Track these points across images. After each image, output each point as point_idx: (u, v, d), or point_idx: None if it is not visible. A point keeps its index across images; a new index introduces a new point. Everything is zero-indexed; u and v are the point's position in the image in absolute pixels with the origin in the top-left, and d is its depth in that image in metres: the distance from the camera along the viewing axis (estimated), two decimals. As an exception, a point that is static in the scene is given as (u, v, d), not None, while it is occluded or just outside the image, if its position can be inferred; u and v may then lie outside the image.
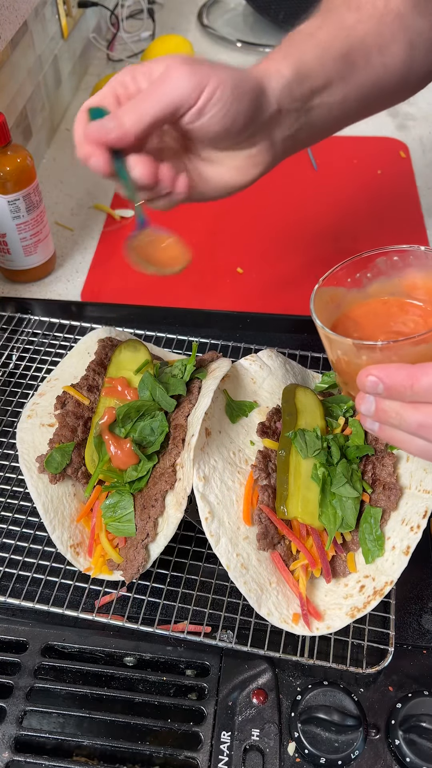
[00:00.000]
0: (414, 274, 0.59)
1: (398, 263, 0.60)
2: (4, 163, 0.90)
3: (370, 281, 0.61)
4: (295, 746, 0.58)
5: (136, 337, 0.87)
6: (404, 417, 0.48)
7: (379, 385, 0.48)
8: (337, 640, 0.64)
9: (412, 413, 0.48)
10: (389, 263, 0.60)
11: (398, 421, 0.49)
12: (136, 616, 0.66)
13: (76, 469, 0.70)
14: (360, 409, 0.51)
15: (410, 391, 0.47)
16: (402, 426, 0.49)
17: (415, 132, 1.33)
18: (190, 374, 0.74)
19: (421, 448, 0.50)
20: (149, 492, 0.66)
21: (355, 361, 0.53)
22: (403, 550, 0.62)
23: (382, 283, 0.61)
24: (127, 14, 1.63)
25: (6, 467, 0.78)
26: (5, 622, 0.66)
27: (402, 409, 0.48)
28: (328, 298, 0.59)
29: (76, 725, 0.61)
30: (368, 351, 0.51)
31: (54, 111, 1.33)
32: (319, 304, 0.57)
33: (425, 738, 0.57)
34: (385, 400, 0.49)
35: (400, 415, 0.49)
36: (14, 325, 0.93)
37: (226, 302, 1.00)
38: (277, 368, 0.78)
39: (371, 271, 0.60)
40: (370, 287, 0.61)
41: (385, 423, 0.51)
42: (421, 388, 0.47)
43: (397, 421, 0.49)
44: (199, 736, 0.59)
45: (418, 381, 0.47)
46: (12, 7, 1.06)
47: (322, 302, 0.58)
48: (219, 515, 0.63)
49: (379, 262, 0.60)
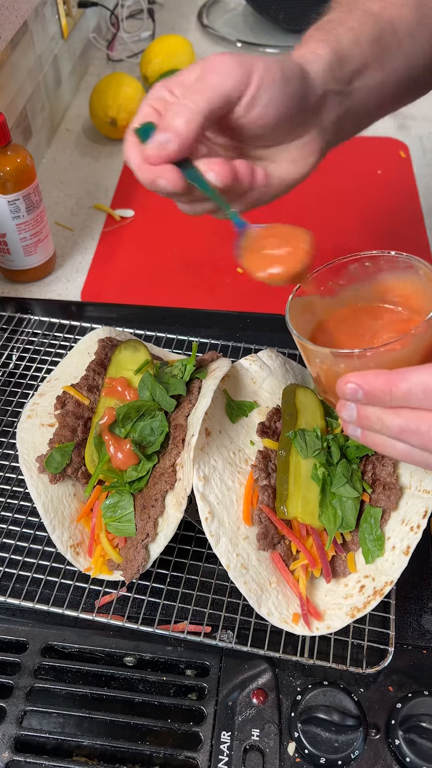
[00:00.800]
0: (387, 278, 0.60)
1: (370, 269, 0.60)
2: (4, 163, 0.90)
3: (343, 288, 0.61)
4: (295, 746, 0.58)
5: (136, 337, 0.87)
6: (386, 422, 0.49)
7: (359, 392, 0.49)
8: (337, 640, 0.64)
9: (393, 418, 0.48)
10: (361, 269, 0.60)
11: (380, 426, 0.49)
12: (136, 616, 0.66)
13: (76, 469, 0.70)
14: (342, 415, 0.52)
15: (389, 396, 0.48)
16: (384, 431, 0.50)
17: (415, 132, 1.33)
18: (190, 374, 0.74)
19: (403, 452, 0.50)
20: (149, 492, 0.66)
21: (333, 369, 0.53)
22: (403, 550, 0.62)
23: (356, 290, 0.61)
24: (127, 14, 1.63)
25: (6, 467, 0.78)
26: (5, 622, 0.66)
27: (383, 414, 0.49)
28: (301, 308, 0.59)
29: (76, 725, 0.61)
30: (346, 359, 0.52)
31: (54, 111, 1.33)
32: (294, 315, 0.57)
33: (425, 738, 0.57)
34: (367, 407, 0.50)
35: (382, 420, 0.49)
36: (14, 325, 0.93)
37: (226, 302, 1.00)
38: (277, 368, 0.78)
39: (344, 278, 0.61)
40: (344, 294, 0.61)
41: (368, 429, 0.51)
42: (399, 393, 0.47)
43: (379, 426, 0.49)
44: (199, 736, 0.59)
45: (396, 386, 0.47)
46: (12, 7, 1.06)
47: (297, 312, 0.58)
48: (219, 515, 0.63)
49: (352, 268, 0.61)
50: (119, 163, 1.27)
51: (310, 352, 0.55)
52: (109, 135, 1.31)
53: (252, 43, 1.56)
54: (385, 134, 1.32)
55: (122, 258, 1.08)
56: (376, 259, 0.60)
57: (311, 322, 0.60)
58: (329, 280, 0.61)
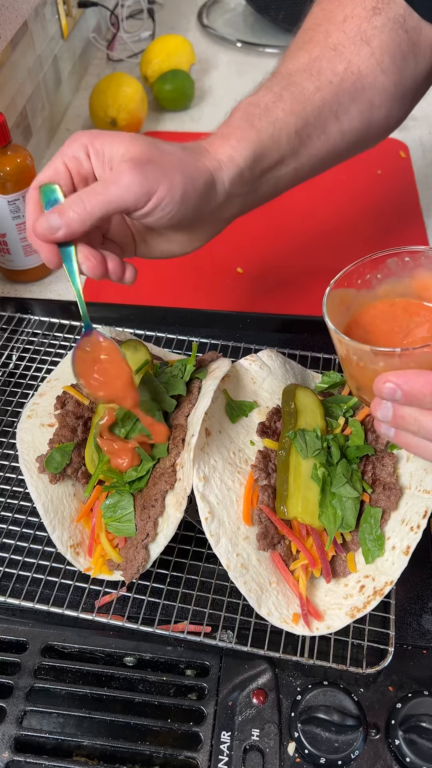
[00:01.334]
0: (425, 275, 0.59)
1: (409, 264, 0.59)
2: (4, 163, 0.90)
3: (380, 282, 0.60)
4: (295, 746, 0.58)
5: (136, 337, 0.87)
6: (423, 424, 0.49)
7: (398, 391, 0.48)
8: (337, 640, 0.64)
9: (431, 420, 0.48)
10: (400, 264, 0.60)
11: (416, 427, 0.49)
12: (136, 616, 0.66)
13: (76, 469, 0.70)
14: (377, 415, 0.51)
15: (429, 398, 0.47)
16: (420, 432, 0.49)
17: (415, 132, 1.33)
18: (190, 374, 0.74)
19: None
20: (149, 492, 0.66)
21: (371, 367, 0.52)
22: (403, 550, 0.62)
23: (393, 284, 0.60)
24: (127, 14, 1.63)
25: (6, 467, 0.78)
26: (5, 622, 0.66)
27: (421, 415, 0.49)
28: (339, 300, 0.58)
29: (76, 725, 0.61)
30: (386, 357, 0.51)
31: (54, 111, 1.33)
32: (331, 308, 0.56)
33: (425, 738, 0.57)
34: (403, 407, 0.49)
35: (419, 421, 0.49)
36: (14, 325, 0.93)
37: (226, 302, 1.00)
38: (277, 368, 0.78)
39: (381, 272, 0.60)
40: (380, 288, 0.60)
41: (403, 429, 0.51)
42: None
43: (416, 427, 0.49)
44: (199, 736, 0.59)
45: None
46: (12, 7, 1.06)
47: (334, 305, 0.57)
48: (219, 515, 0.63)
49: (390, 263, 0.60)
50: (119, 163, 1.27)
51: (347, 348, 0.54)
52: (109, 135, 1.30)
53: (252, 43, 1.56)
54: (385, 134, 1.32)
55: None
56: (415, 255, 0.59)
57: (346, 316, 0.60)
58: (367, 273, 0.60)
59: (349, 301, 0.60)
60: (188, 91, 1.37)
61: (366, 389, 0.54)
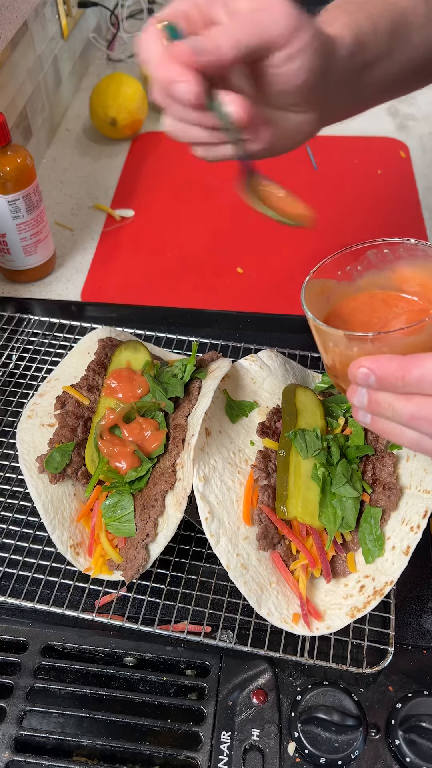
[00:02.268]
0: (404, 266, 0.59)
1: (389, 256, 0.59)
2: (4, 163, 0.90)
3: (360, 274, 0.60)
4: (295, 746, 0.58)
5: (136, 338, 0.87)
6: (396, 408, 0.48)
7: (371, 376, 0.48)
8: (337, 640, 0.64)
9: (405, 404, 0.48)
10: (380, 256, 0.60)
11: (391, 412, 0.49)
12: (136, 616, 0.66)
13: (76, 469, 0.70)
14: (352, 401, 0.51)
15: (402, 382, 0.47)
16: (395, 417, 0.49)
17: (415, 132, 1.33)
18: (190, 374, 0.74)
19: (413, 439, 0.49)
20: (149, 492, 0.66)
21: (346, 353, 0.53)
22: (403, 550, 0.62)
23: (373, 276, 0.60)
24: (127, 14, 1.63)
25: (6, 467, 0.78)
26: (5, 622, 0.66)
27: (395, 400, 0.48)
28: (318, 290, 0.58)
29: (76, 725, 0.61)
30: (359, 342, 0.51)
31: (54, 111, 1.33)
32: (309, 297, 0.56)
33: (425, 738, 0.57)
34: (378, 392, 0.49)
35: (393, 406, 0.48)
36: (14, 325, 0.93)
37: (226, 302, 1.00)
38: (277, 368, 0.78)
39: (361, 263, 0.60)
40: (361, 280, 0.60)
41: (378, 414, 0.50)
42: (412, 379, 0.46)
43: (390, 412, 0.49)
44: (199, 736, 0.59)
45: (409, 372, 0.46)
46: (12, 7, 1.06)
47: (313, 294, 0.57)
48: (219, 515, 0.63)
49: (370, 254, 0.60)
50: (119, 163, 1.27)
51: (323, 334, 0.54)
52: (109, 135, 1.31)
53: (252, 43, 1.56)
54: (385, 134, 1.32)
55: (122, 258, 1.08)
56: (394, 247, 0.59)
57: (326, 306, 0.60)
58: (347, 265, 0.60)
59: (329, 291, 0.60)
60: (188, 91, 1.37)
61: (342, 377, 0.54)
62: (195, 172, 1.24)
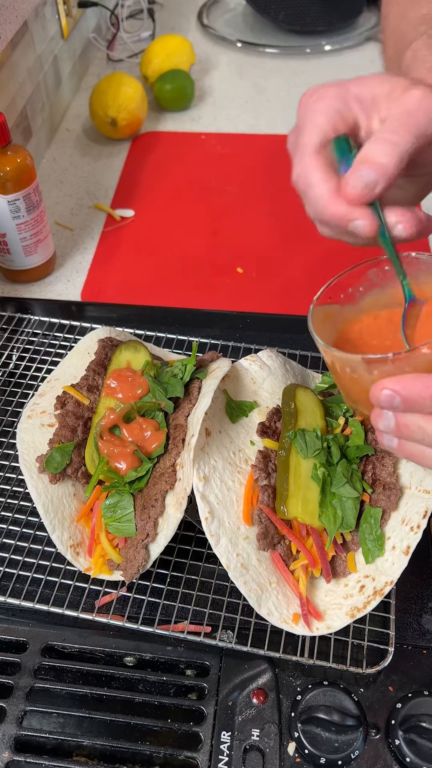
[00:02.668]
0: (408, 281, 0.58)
1: (390, 273, 0.57)
2: (4, 163, 0.90)
3: (362, 295, 0.58)
4: (295, 746, 0.58)
5: (136, 338, 0.87)
6: (428, 430, 0.45)
7: (396, 398, 0.45)
8: (337, 640, 0.64)
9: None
10: (380, 274, 0.58)
11: (421, 435, 0.46)
12: (136, 616, 0.66)
13: (76, 469, 0.70)
14: (378, 426, 0.48)
15: (430, 402, 0.44)
16: (426, 440, 0.46)
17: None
18: (190, 374, 0.74)
19: None
20: (149, 492, 0.66)
21: (365, 377, 0.50)
22: (403, 550, 0.62)
23: (376, 296, 0.58)
24: (127, 14, 1.63)
25: (6, 467, 0.78)
26: (5, 622, 0.66)
27: (424, 422, 0.45)
28: (323, 317, 0.56)
29: (76, 725, 0.61)
30: (379, 365, 0.48)
31: (54, 111, 1.33)
32: (316, 324, 0.54)
33: (425, 738, 0.57)
34: (406, 414, 0.46)
35: (423, 429, 0.46)
36: (14, 325, 0.93)
37: (226, 302, 1.00)
38: (277, 368, 0.78)
39: (363, 284, 0.58)
40: (364, 302, 0.58)
41: (408, 438, 0.48)
42: None
43: (420, 435, 0.46)
44: (199, 736, 0.59)
45: None
46: (12, 7, 1.06)
47: (319, 321, 0.55)
48: (219, 515, 0.63)
49: (371, 274, 0.58)
50: (119, 163, 1.27)
51: (338, 360, 0.52)
52: (109, 135, 1.31)
53: (252, 43, 1.56)
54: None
55: (122, 258, 1.08)
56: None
57: (333, 332, 0.57)
58: (349, 287, 0.58)
59: (334, 317, 0.58)
60: (188, 91, 1.37)
61: (363, 402, 0.51)
62: (195, 172, 1.24)
